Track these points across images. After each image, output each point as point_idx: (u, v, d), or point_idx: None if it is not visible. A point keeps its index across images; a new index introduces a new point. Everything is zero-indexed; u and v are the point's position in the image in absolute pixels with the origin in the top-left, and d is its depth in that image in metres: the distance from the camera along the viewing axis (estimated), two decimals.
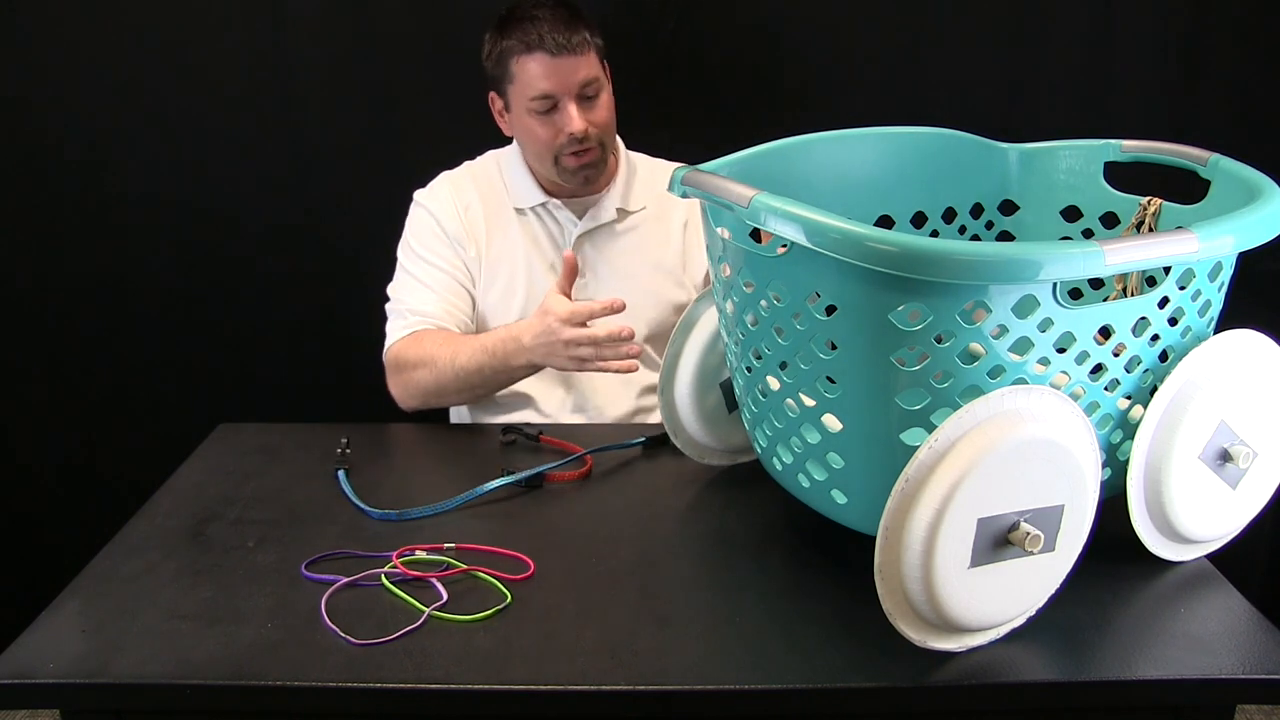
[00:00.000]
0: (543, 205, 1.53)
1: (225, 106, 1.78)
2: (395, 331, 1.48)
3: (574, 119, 1.42)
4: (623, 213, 1.55)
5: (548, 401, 1.53)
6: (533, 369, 1.38)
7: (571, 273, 1.33)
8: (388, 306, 1.52)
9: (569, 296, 1.31)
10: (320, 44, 1.76)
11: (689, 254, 1.57)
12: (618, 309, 1.26)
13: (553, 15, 1.41)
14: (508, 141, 1.58)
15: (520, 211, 1.54)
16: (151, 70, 1.76)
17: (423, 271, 1.51)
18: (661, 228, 1.57)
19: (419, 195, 1.55)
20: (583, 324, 1.28)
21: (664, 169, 1.55)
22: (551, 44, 1.39)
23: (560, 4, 1.44)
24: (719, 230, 1.04)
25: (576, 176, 1.47)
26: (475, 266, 1.53)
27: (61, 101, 1.77)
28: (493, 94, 1.51)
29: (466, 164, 1.59)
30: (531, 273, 1.53)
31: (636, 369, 1.31)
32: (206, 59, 1.76)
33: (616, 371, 1.30)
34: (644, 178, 1.58)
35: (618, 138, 1.58)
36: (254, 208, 1.83)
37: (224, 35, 1.75)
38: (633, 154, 1.61)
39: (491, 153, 1.60)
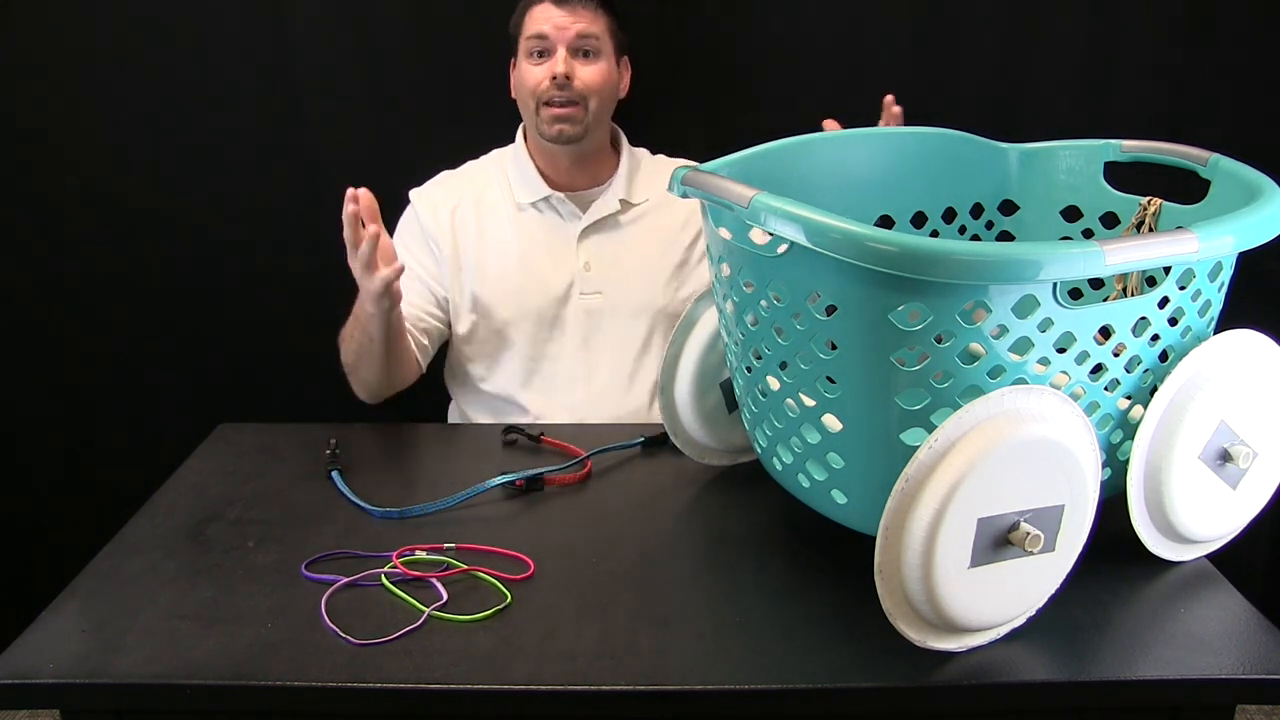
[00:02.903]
0: (545, 200, 1.55)
1: (226, 107, 1.78)
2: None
3: (558, 60, 1.46)
4: (626, 204, 1.56)
5: (541, 405, 1.54)
6: (367, 316, 1.36)
7: (368, 211, 1.28)
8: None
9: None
10: (323, 43, 1.76)
11: (698, 235, 1.58)
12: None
13: None
14: (510, 140, 1.60)
15: (522, 208, 1.55)
16: (152, 70, 1.76)
17: None
18: (668, 214, 1.58)
19: (413, 193, 1.58)
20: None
21: (667, 163, 1.61)
22: None
23: None
24: (719, 230, 1.04)
25: (551, 128, 1.48)
26: (452, 263, 1.54)
27: (60, 101, 1.77)
28: (512, 59, 1.55)
29: (470, 163, 1.62)
30: (527, 262, 1.54)
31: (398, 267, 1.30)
32: (207, 58, 1.76)
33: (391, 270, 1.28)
34: (647, 171, 1.61)
35: (621, 133, 1.61)
36: (254, 207, 1.83)
37: (226, 35, 1.75)
38: (636, 149, 1.63)
39: (497, 151, 1.62)
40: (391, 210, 1.55)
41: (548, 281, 1.53)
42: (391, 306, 1.34)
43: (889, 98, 1.48)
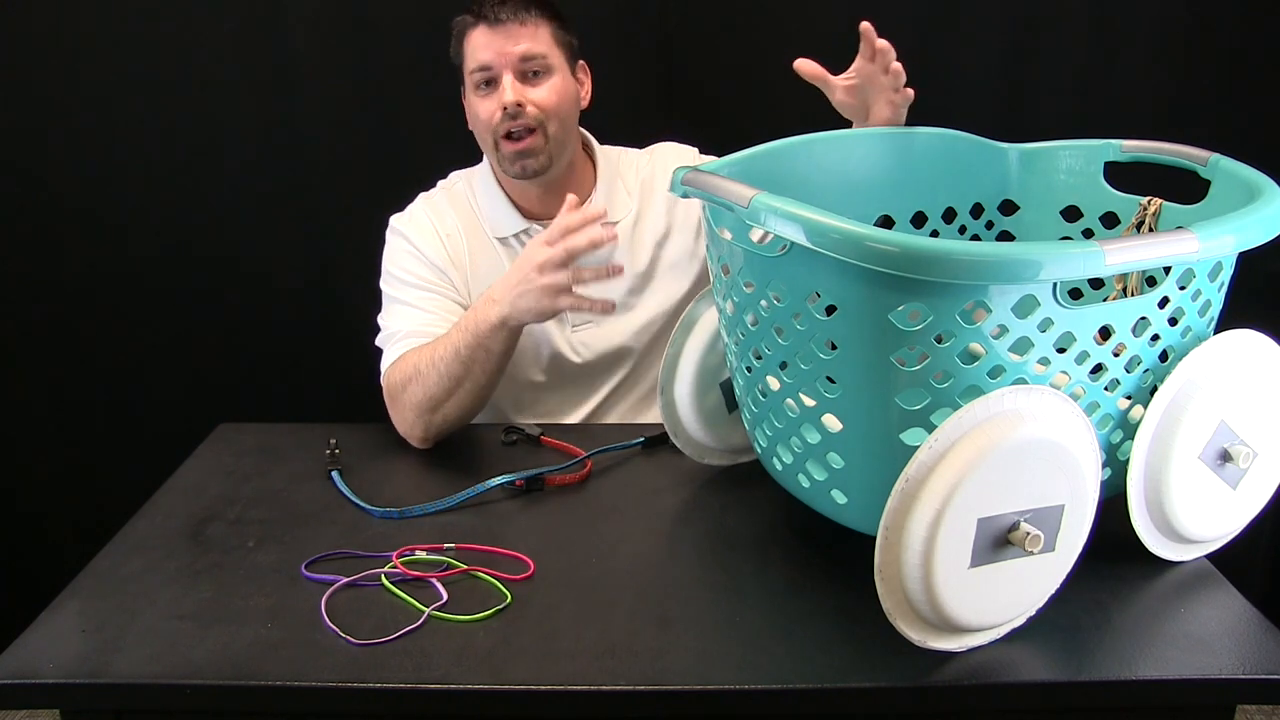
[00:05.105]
0: (524, 233, 1.44)
1: (223, 109, 1.78)
2: (386, 360, 1.38)
3: (506, 89, 1.34)
4: (608, 225, 1.44)
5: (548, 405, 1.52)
6: (506, 330, 1.26)
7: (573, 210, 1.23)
8: (378, 339, 1.42)
9: None
10: (317, 47, 1.76)
11: (690, 224, 1.49)
12: (599, 215, 1.21)
13: None
14: (476, 158, 1.51)
15: (505, 241, 1.45)
16: (150, 73, 1.76)
17: (410, 295, 1.41)
18: (654, 217, 1.48)
19: (395, 222, 1.46)
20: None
21: (639, 155, 1.53)
22: (490, 14, 1.35)
23: None
24: (719, 230, 1.04)
25: (514, 165, 1.38)
26: (464, 292, 1.44)
27: (59, 103, 1.77)
28: (462, 89, 1.45)
29: (441, 185, 1.51)
30: None
31: (613, 309, 1.25)
32: (205, 61, 1.76)
33: (592, 309, 1.23)
34: (624, 173, 1.50)
35: (593, 141, 1.51)
36: (253, 208, 1.84)
37: (223, 37, 1.75)
38: (609, 150, 1.52)
39: (459, 174, 1.51)
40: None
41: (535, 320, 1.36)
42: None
43: (866, 25, 1.28)
